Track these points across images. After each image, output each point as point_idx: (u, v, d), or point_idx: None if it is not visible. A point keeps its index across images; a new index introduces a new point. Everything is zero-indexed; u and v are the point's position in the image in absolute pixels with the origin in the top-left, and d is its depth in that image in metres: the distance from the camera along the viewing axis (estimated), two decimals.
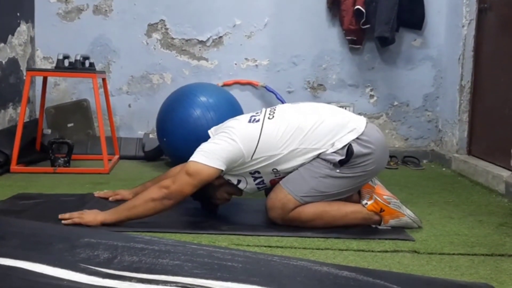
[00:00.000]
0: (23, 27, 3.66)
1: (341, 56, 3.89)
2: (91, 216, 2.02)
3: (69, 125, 3.84)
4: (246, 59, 3.90)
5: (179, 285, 1.13)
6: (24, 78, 3.71)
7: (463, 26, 3.48)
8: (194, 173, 1.99)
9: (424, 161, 3.86)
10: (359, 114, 3.92)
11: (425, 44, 3.88)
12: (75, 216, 2.02)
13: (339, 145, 2.05)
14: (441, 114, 3.87)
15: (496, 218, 2.34)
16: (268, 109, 2.18)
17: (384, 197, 2.11)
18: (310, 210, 2.08)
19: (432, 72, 3.89)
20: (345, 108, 3.88)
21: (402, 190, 2.83)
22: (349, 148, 2.04)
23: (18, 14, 3.60)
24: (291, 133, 2.06)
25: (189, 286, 1.13)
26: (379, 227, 2.11)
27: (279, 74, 3.89)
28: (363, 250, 1.86)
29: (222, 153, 2.02)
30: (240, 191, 2.20)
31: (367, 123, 2.14)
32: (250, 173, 2.11)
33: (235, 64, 3.90)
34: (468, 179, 3.21)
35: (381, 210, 2.09)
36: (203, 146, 2.07)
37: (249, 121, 2.13)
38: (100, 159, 3.42)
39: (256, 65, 3.89)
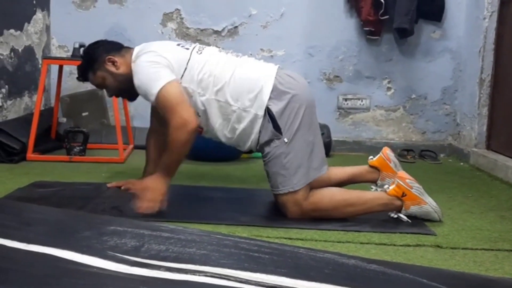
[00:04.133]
0: (39, 15, 3.65)
1: (358, 47, 3.84)
2: (156, 193, 1.98)
3: (84, 114, 3.82)
4: (261, 49, 3.86)
5: (208, 274, 1.11)
6: (40, 66, 3.70)
7: (484, 18, 3.42)
8: (171, 98, 1.98)
9: (441, 155, 3.80)
10: (376, 106, 3.90)
11: (444, 36, 3.81)
12: (151, 205, 1.95)
13: (260, 112, 2.02)
14: (460, 107, 3.82)
15: None
16: (198, 45, 2.18)
17: (407, 181, 2.07)
18: (328, 199, 2.05)
19: (451, 65, 3.83)
20: (361, 101, 3.87)
21: (420, 184, 2.78)
22: (269, 112, 2.01)
23: (34, 2, 3.58)
24: (211, 79, 2.05)
25: (217, 275, 1.11)
26: (400, 215, 2.05)
27: (294, 65, 3.85)
28: (385, 244, 1.83)
29: (159, 68, 2.02)
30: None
31: (277, 72, 2.09)
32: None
33: (250, 54, 3.84)
34: (486, 173, 3.17)
35: (403, 195, 2.04)
36: (146, 76, 2.03)
37: (178, 45, 2.15)
38: (114, 149, 3.42)
39: (272, 56, 3.85)
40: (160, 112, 2.09)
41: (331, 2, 3.80)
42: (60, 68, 3.49)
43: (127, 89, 2.17)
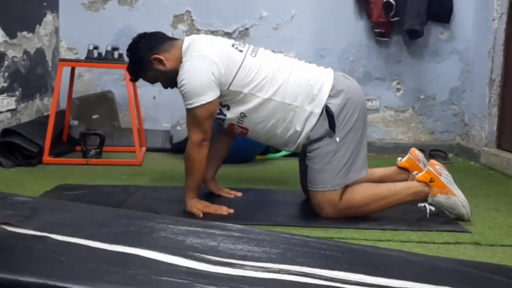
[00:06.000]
0: (49, 17, 3.62)
1: (368, 49, 3.88)
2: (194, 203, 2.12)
3: (94, 116, 3.80)
4: (272, 51, 3.83)
5: (292, 272, 1.12)
6: (50, 68, 3.68)
7: (493, 20, 3.48)
8: (203, 115, 2.05)
9: (450, 155, 3.85)
10: (385, 107, 3.93)
11: (452, 37, 3.86)
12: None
13: (316, 110, 2.05)
14: (468, 107, 3.87)
15: None
16: (252, 46, 2.19)
17: (436, 167, 2.09)
18: (360, 195, 2.07)
19: (459, 66, 3.88)
20: (371, 102, 3.91)
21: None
22: (327, 110, 2.04)
23: (44, 4, 3.56)
24: (266, 80, 2.06)
25: (302, 274, 1.12)
26: (427, 205, 2.05)
27: None
28: (425, 242, 1.86)
29: (206, 83, 2.02)
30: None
31: (334, 73, 2.14)
32: (220, 104, 2.11)
33: None
34: (500, 172, 3.21)
35: (431, 180, 2.06)
36: (192, 85, 2.03)
37: (233, 46, 2.14)
38: (128, 151, 3.41)
39: None
40: (187, 119, 2.13)
41: (341, 4, 3.83)
42: (72, 70, 3.46)
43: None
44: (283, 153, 3.49)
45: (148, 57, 2.15)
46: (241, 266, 1.15)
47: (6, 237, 1.21)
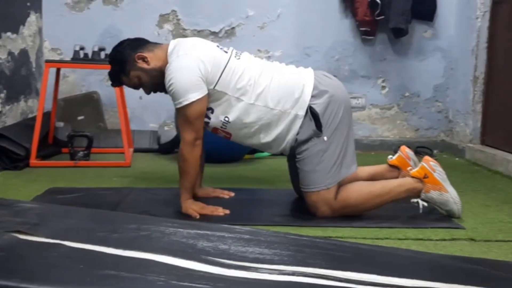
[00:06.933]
0: (32, 17, 3.56)
1: (353, 47, 3.91)
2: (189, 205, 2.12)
3: (79, 118, 3.75)
4: (258, 50, 3.88)
5: (307, 274, 1.12)
6: (34, 70, 3.62)
7: (477, 18, 3.53)
8: (194, 113, 2.04)
9: (435, 151, 3.90)
10: (371, 105, 3.97)
11: (436, 35, 3.92)
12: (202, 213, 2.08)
13: (300, 112, 2.07)
14: (452, 104, 3.93)
15: None
16: (235, 50, 2.20)
17: (431, 163, 2.13)
18: (355, 194, 2.09)
19: (442, 63, 3.94)
20: (357, 100, 3.94)
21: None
22: (311, 111, 2.06)
23: (28, 4, 3.50)
24: (250, 84, 2.07)
25: (316, 275, 1.13)
26: (420, 200, 2.08)
27: (291, 65, 3.87)
28: (421, 239, 1.88)
29: (194, 81, 2.02)
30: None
31: (314, 73, 2.16)
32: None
33: None
34: (485, 168, 3.27)
35: (425, 176, 2.09)
36: (181, 82, 2.02)
37: (217, 47, 2.16)
38: (116, 152, 3.39)
39: (269, 56, 3.87)
40: (178, 119, 2.13)
41: (326, 3, 3.85)
42: (58, 71, 3.41)
43: (162, 83, 2.12)
44: None
45: (132, 56, 2.14)
46: (256, 269, 1.16)
47: (21, 245, 1.20)
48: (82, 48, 3.24)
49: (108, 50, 3.39)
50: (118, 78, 2.23)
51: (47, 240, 1.23)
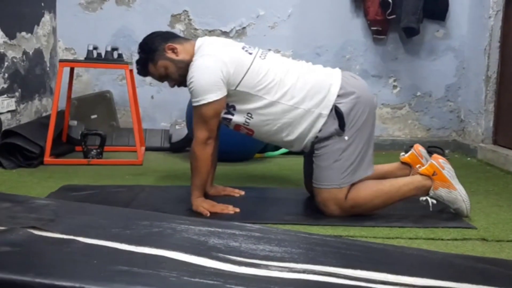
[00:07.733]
0: (46, 17, 3.60)
1: (364, 46, 3.91)
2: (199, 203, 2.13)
3: (93, 116, 3.79)
4: (269, 49, 3.83)
5: (317, 272, 1.13)
6: (48, 69, 3.66)
7: (489, 17, 3.52)
8: (210, 114, 2.07)
9: (447, 151, 3.89)
10: (382, 104, 3.97)
11: (448, 35, 3.90)
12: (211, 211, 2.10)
13: (325, 111, 2.07)
14: (464, 104, 3.92)
15: None
16: (261, 50, 2.21)
17: (440, 160, 2.13)
18: (364, 193, 2.09)
19: (454, 63, 3.93)
20: None
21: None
22: (336, 110, 2.06)
23: (42, 4, 3.54)
24: (274, 83, 2.08)
25: (326, 274, 1.14)
26: (429, 198, 2.07)
27: None
28: (433, 239, 1.88)
29: (214, 82, 2.04)
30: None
31: (341, 73, 2.17)
32: (227, 105, 2.13)
33: None
34: (498, 168, 3.25)
35: (434, 174, 2.09)
36: (202, 82, 2.05)
37: (243, 49, 2.17)
38: (128, 151, 3.42)
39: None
40: (193, 117, 2.14)
41: (337, 2, 3.85)
42: (71, 70, 3.45)
43: (186, 77, 2.14)
44: (281, 151, 3.51)
45: (162, 46, 2.18)
46: (266, 267, 1.17)
47: (36, 241, 1.22)
48: (95, 48, 3.28)
49: (121, 50, 3.47)
50: (145, 66, 2.25)
51: (61, 236, 1.25)
